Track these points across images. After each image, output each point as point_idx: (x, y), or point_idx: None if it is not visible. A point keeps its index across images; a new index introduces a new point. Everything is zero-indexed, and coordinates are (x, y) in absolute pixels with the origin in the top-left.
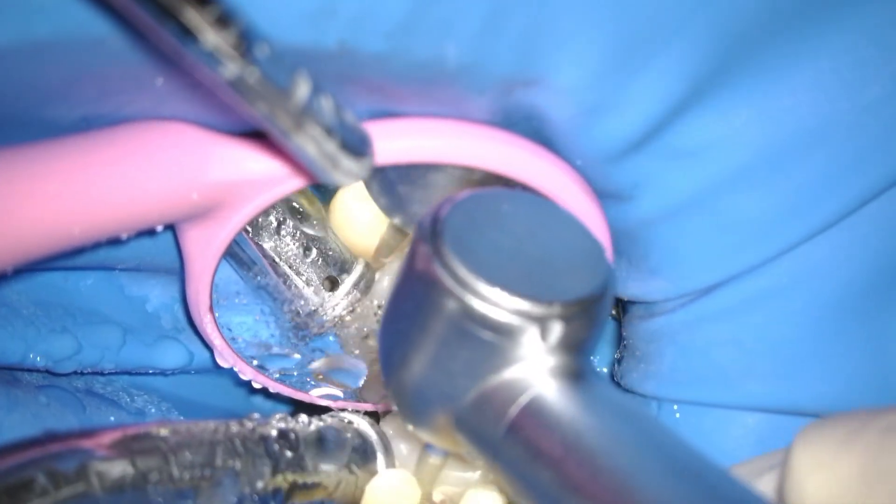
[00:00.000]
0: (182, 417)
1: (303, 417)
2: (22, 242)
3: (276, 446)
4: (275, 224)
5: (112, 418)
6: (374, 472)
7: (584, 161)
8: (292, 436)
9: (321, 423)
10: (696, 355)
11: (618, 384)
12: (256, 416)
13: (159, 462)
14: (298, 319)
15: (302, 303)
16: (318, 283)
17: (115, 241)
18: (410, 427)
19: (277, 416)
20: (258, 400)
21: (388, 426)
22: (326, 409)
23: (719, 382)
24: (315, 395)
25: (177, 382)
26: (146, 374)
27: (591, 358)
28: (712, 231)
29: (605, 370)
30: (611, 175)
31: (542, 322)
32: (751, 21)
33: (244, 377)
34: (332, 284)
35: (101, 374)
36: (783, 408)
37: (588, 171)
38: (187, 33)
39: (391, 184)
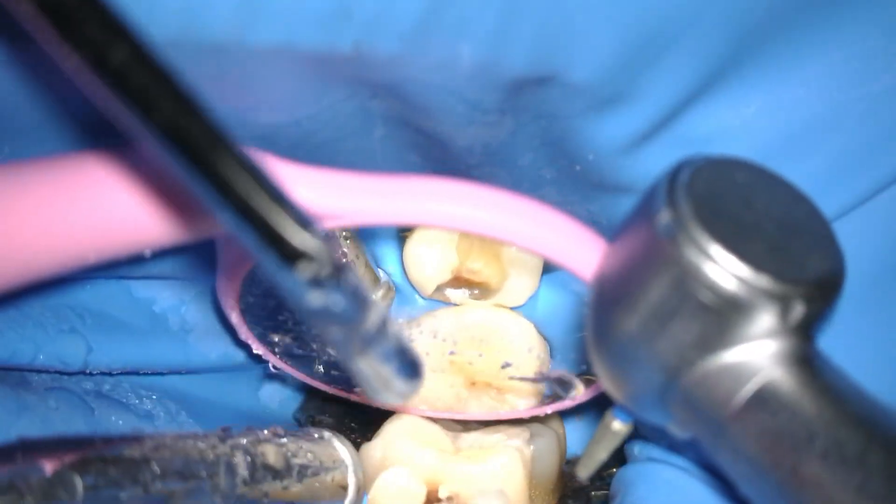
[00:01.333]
0: (191, 418)
1: (277, 430)
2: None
3: (249, 458)
4: None
5: (120, 421)
6: (344, 483)
7: (597, 155)
8: (265, 448)
9: (292, 437)
10: None
11: None
12: (229, 428)
13: (132, 472)
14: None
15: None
16: None
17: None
18: (610, 389)
19: (248, 429)
20: (266, 398)
21: (393, 425)
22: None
23: None
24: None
25: (185, 383)
26: (154, 374)
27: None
28: None
29: None
30: (623, 167)
31: (784, 300)
32: (762, 13)
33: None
34: None
35: (110, 374)
36: None
37: (600, 165)
38: (283, 262)
39: None
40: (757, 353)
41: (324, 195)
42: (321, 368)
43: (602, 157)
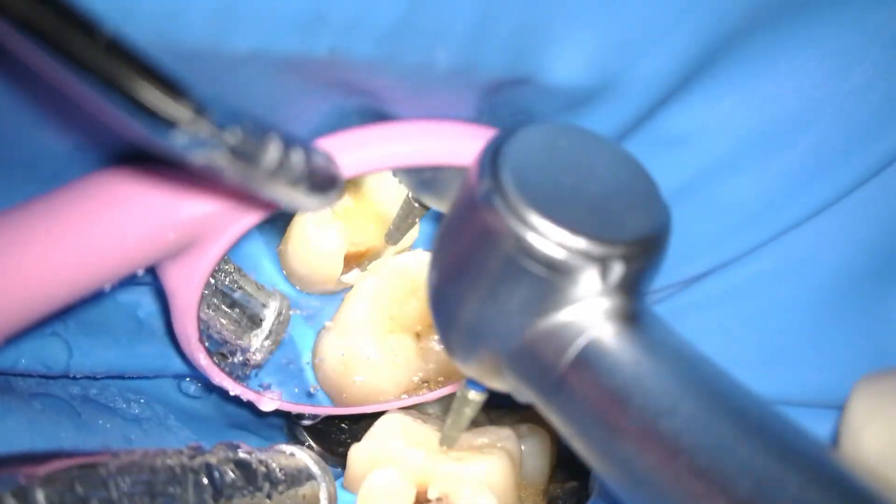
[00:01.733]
0: (179, 421)
1: (244, 447)
2: (9, 315)
3: (217, 473)
4: None
5: (108, 425)
6: (315, 497)
7: None
8: (234, 464)
9: (262, 454)
10: None
11: None
12: (198, 444)
13: (99, 487)
14: (232, 360)
15: (230, 346)
16: (243, 325)
17: None
18: (458, 363)
19: (219, 446)
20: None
21: (382, 425)
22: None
23: None
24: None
25: (172, 386)
26: (140, 378)
27: (647, 299)
28: (700, 219)
29: None
30: None
31: (602, 262)
32: (738, 14)
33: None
34: (254, 322)
35: (95, 378)
36: (772, 396)
37: None
38: (160, 125)
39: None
40: (584, 313)
41: None
42: (296, 390)
43: None
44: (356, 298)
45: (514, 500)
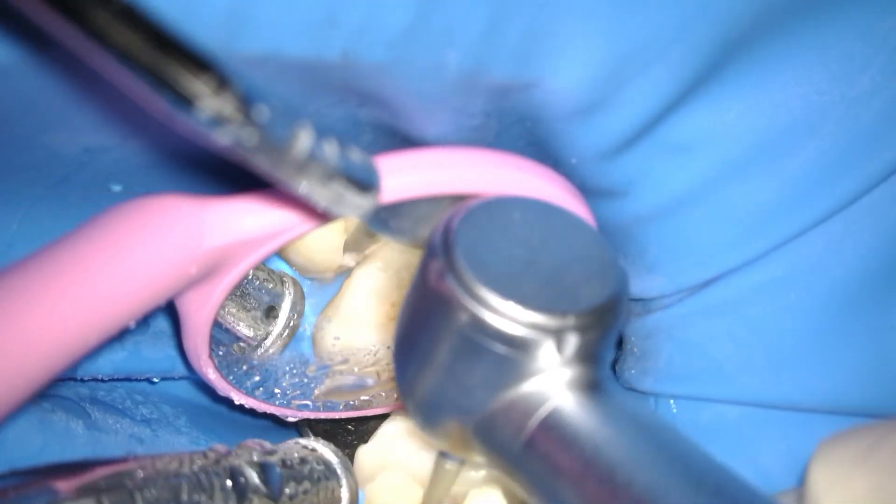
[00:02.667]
0: (189, 422)
1: (267, 445)
2: (39, 364)
3: (242, 479)
4: None
5: (118, 426)
6: (337, 497)
7: (579, 159)
8: (257, 467)
9: (285, 452)
10: (692, 350)
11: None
12: (220, 447)
13: (126, 500)
14: (246, 355)
15: (244, 342)
16: (258, 319)
17: None
18: (426, 436)
19: (241, 447)
20: None
21: (390, 427)
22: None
23: (716, 377)
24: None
25: (179, 388)
26: (148, 380)
27: (607, 367)
28: (708, 226)
29: None
30: (606, 172)
31: (557, 334)
32: (746, 23)
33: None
34: (270, 312)
35: (103, 381)
36: (779, 403)
37: (583, 170)
38: (183, 101)
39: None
40: (544, 384)
41: None
42: (309, 402)
43: (584, 161)
44: (355, 285)
45: (520, 500)
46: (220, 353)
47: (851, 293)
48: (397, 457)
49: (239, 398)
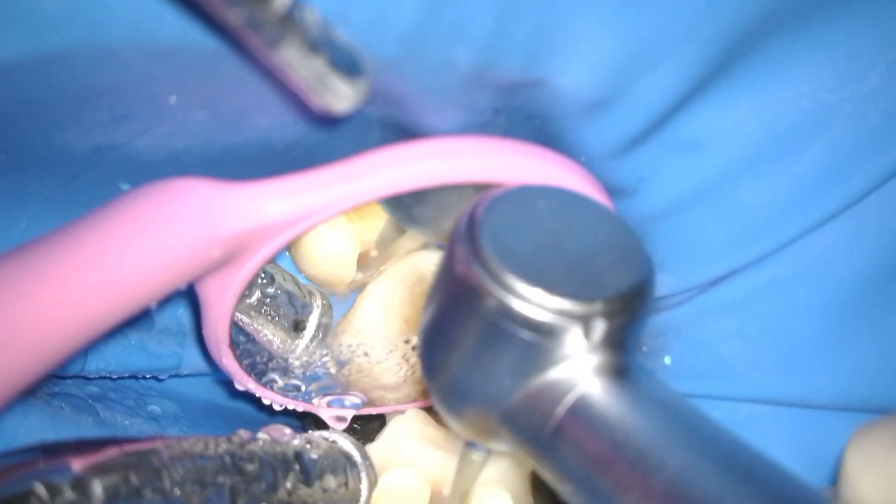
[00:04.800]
0: (195, 421)
1: (288, 433)
2: (53, 345)
3: (264, 463)
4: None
5: (127, 422)
6: (357, 490)
7: (589, 158)
8: (280, 455)
9: (308, 441)
10: (702, 348)
11: None
12: (244, 432)
13: (153, 477)
14: (278, 365)
15: (273, 352)
16: (285, 331)
17: None
18: (452, 425)
19: (265, 431)
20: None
21: (397, 426)
22: None
23: (726, 375)
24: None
25: (186, 386)
26: (155, 378)
27: (635, 353)
28: (717, 224)
29: None
30: (615, 170)
31: (584, 321)
32: (756, 20)
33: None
34: (298, 326)
35: (111, 378)
36: (790, 400)
37: (592, 168)
38: None
39: (404, 205)
40: (572, 371)
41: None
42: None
43: (594, 159)
44: (368, 300)
45: (528, 498)
46: (241, 346)
47: (861, 290)
48: (404, 455)
49: (256, 389)
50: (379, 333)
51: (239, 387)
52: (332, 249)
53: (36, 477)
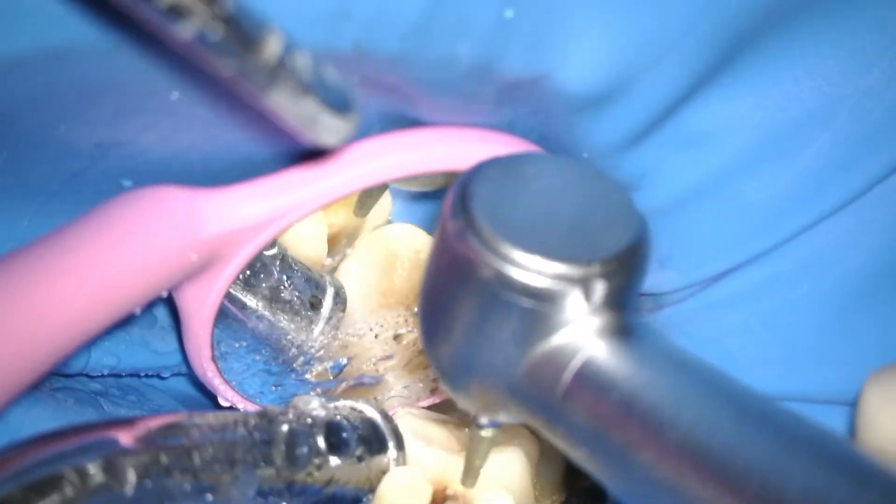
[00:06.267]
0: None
1: (314, 403)
2: (42, 351)
3: (293, 443)
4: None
5: (130, 416)
6: (384, 462)
7: (592, 153)
8: (306, 429)
9: (334, 412)
10: (705, 344)
11: None
12: (273, 408)
13: (183, 457)
14: (295, 351)
15: (291, 337)
16: (302, 312)
17: None
18: (458, 400)
19: (291, 407)
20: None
21: (403, 423)
22: None
23: (729, 370)
24: None
25: (188, 384)
26: (158, 376)
27: (637, 311)
28: (720, 219)
29: None
30: (618, 166)
31: (583, 283)
32: (758, 14)
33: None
34: (315, 305)
35: (118, 376)
36: (795, 395)
37: (595, 163)
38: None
39: None
40: (576, 334)
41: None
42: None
43: (597, 155)
44: (343, 277)
45: (530, 498)
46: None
47: (865, 284)
48: (408, 454)
49: (239, 402)
50: (359, 308)
51: (223, 402)
52: (302, 229)
53: (67, 460)
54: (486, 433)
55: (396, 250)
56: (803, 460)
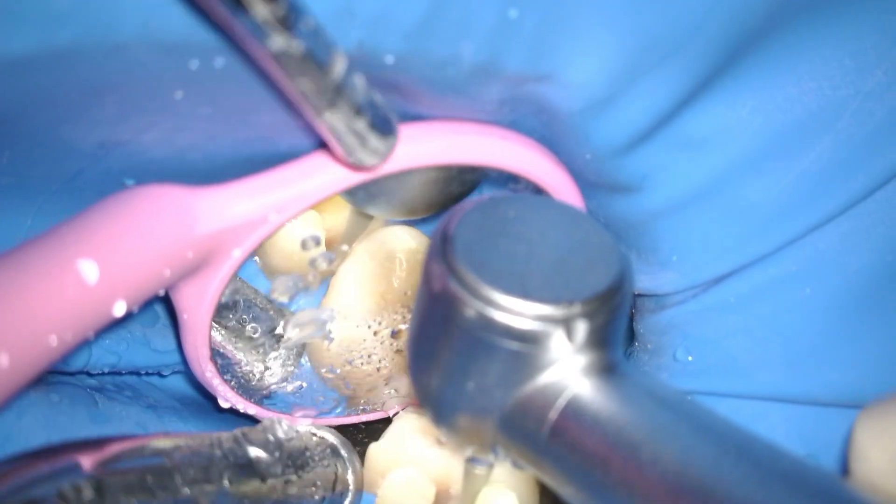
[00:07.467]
0: (194, 415)
1: (284, 426)
2: (36, 349)
3: (264, 463)
4: None
5: (123, 413)
6: (345, 478)
7: (594, 154)
8: (276, 451)
9: (296, 434)
10: (707, 346)
11: None
12: (244, 430)
13: (165, 478)
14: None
15: (246, 370)
16: (265, 347)
17: None
18: (448, 438)
19: (260, 429)
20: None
21: (402, 424)
22: None
23: (731, 372)
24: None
25: (186, 382)
26: (158, 374)
27: (620, 348)
28: (721, 221)
29: None
30: (620, 168)
31: (566, 323)
32: (760, 17)
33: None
34: (275, 342)
35: (117, 374)
36: (795, 397)
37: (597, 165)
38: (239, 5)
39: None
40: (561, 373)
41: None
42: (321, 398)
43: (599, 156)
44: (343, 282)
45: (533, 496)
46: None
47: (866, 286)
48: (409, 453)
49: (240, 403)
50: (358, 310)
51: (223, 404)
52: (298, 232)
53: (49, 482)
54: (480, 471)
55: (393, 251)
56: (781, 493)
